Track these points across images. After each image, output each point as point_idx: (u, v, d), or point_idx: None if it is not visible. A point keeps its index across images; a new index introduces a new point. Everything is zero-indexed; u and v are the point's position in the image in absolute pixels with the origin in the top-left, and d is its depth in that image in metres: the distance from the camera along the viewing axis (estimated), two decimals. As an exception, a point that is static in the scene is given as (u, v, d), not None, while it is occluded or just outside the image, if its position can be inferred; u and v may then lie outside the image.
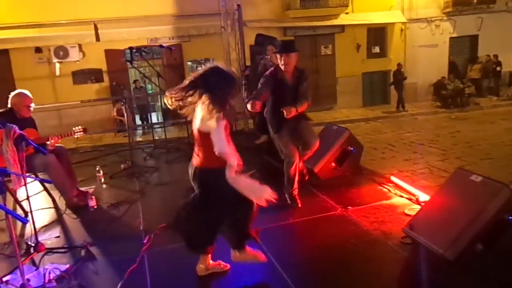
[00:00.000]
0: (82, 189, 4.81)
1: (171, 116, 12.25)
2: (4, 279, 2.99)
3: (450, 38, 15.95)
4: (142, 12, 11.84)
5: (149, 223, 3.99)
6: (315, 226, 3.82)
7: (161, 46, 6.67)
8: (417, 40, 15.40)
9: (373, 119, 13.63)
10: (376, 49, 15.48)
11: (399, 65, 14.51)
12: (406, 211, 3.85)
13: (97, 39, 11.33)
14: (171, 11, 12.42)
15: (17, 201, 4.23)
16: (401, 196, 4.26)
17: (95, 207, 4.52)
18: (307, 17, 13.68)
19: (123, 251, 3.51)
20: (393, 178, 4.67)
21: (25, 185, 3.36)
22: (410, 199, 4.15)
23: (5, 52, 11.47)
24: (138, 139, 10.89)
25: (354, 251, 3.31)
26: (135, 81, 12.92)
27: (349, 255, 3.24)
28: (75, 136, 4.68)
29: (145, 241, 3.58)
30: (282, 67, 3.98)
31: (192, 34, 12.55)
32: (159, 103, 13.75)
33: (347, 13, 14.24)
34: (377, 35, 15.30)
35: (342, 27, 14.55)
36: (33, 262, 3.38)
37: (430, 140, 9.93)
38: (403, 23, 15.05)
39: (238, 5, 9.18)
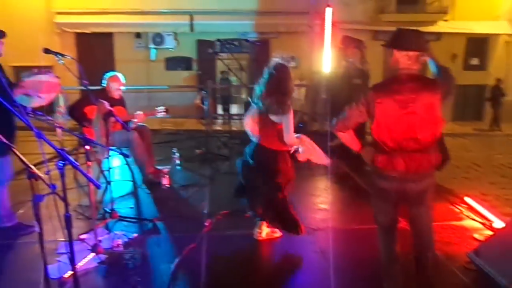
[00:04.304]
0: (158, 167, 5.16)
1: (251, 109, 12.49)
2: (81, 237, 3.35)
3: None
4: (235, 6, 12.25)
5: (213, 208, 4.20)
6: (373, 236, 3.72)
7: (246, 40, 6.85)
8: (524, 55, 14.07)
9: (461, 135, 12.72)
10: (475, 61, 14.42)
11: (498, 80, 13.38)
12: (475, 236, 3.61)
13: (191, 29, 11.96)
14: (262, 7, 12.67)
15: (101, 171, 4.65)
16: (474, 220, 4.00)
17: (168, 185, 4.83)
18: (401, 22, 13.03)
19: (185, 230, 3.74)
20: (466, 199, 4.38)
21: (108, 157, 3.71)
22: (483, 224, 3.88)
23: (110, 35, 12.60)
24: (217, 128, 11.30)
25: (412, 269, 3.17)
26: (222, 72, 13.38)
27: (406, 272, 3.10)
28: (158, 116, 4.99)
29: (206, 224, 3.77)
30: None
31: (280, 30, 12.70)
32: (243, 96, 14.10)
33: (446, 20, 13.44)
34: (478, 46, 14.24)
35: (438, 35, 13.74)
36: (106, 227, 3.73)
37: (524, 165, 9.05)
38: (510, 35, 13.82)
39: (328, 5, 9.07)
